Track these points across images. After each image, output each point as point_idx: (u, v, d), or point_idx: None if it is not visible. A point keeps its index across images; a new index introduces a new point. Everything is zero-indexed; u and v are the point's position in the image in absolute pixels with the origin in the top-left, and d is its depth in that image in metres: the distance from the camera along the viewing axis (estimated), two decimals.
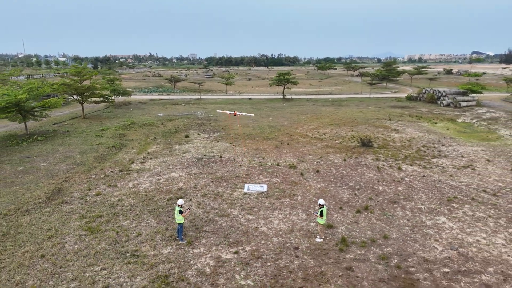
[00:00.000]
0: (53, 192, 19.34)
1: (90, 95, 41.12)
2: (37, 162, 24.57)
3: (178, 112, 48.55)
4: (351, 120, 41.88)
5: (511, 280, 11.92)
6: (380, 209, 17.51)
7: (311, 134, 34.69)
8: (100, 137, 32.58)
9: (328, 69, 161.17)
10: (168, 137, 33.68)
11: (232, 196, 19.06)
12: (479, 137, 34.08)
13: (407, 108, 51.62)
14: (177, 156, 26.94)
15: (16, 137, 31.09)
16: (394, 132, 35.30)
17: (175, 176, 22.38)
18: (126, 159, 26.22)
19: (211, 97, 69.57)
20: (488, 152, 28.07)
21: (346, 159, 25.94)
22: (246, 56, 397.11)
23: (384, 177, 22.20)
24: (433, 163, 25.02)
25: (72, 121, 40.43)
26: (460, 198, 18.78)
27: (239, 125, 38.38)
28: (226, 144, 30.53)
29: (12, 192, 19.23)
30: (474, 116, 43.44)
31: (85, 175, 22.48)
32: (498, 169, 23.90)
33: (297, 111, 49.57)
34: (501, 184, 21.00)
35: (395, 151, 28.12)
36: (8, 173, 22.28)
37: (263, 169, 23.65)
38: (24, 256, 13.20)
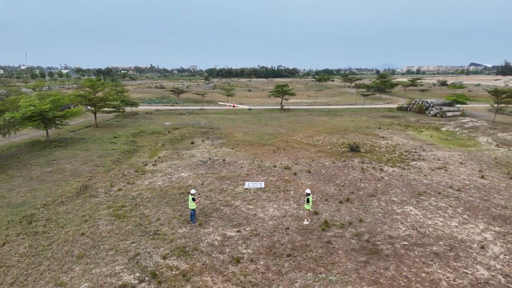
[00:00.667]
0: (81, 188, 22.61)
1: (103, 105, 44.66)
2: (62, 164, 27.88)
3: (183, 122, 52.00)
4: (343, 129, 45.29)
5: (455, 249, 15.15)
6: (359, 200, 20.77)
7: (305, 141, 38.04)
8: (114, 144, 35.93)
9: (326, 80, 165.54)
10: (175, 144, 37.01)
11: (235, 191, 22.33)
12: (458, 143, 37.45)
13: (397, 117, 55.13)
14: (185, 160, 30.24)
15: (39, 143, 34.48)
16: (382, 139, 38.66)
17: (184, 175, 25.66)
18: (139, 162, 29.52)
19: (213, 107, 73.19)
20: (462, 156, 31.41)
21: (335, 162, 29.25)
22: (246, 68, 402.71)
23: (367, 176, 25.50)
24: (412, 165, 28.33)
25: (86, 129, 43.87)
26: (429, 193, 22.05)
27: (240, 133, 41.78)
28: (228, 149, 33.86)
29: (46, 188, 22.51)
30: (457, 125, 46.88)
31: (105, 174, 25.77)
32: (468, 170, 27.21)
33: (294, 120, 53.04)
34: (467, 182, 24.29)
35: (379, 155, 31.45)
36: (39, 173, 25.58)
37: (262, 170, 26.96)
38: (68, 234, 16.42)
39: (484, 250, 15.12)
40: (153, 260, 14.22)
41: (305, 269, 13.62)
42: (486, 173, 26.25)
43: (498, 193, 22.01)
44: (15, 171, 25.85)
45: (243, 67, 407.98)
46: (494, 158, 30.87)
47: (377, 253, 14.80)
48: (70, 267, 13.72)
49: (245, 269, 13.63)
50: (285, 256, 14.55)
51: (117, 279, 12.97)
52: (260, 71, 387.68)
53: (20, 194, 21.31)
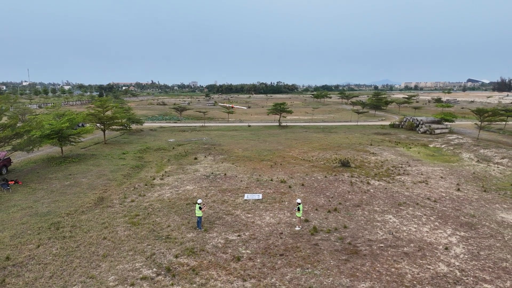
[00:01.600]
0: (98, 200, 25.33)
1: (112, 123, 47.71)
2: (78, 178, 30.65)
3: (185, 138, 54.96)
4: (337, 145, 48.21)
5: (423, 250, 17.82)
6: (345, 210, 23.49)
7: (301, 156, 40.88)
8: (123, 159, 38.75)
9: (324, 97, 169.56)
10: (180, 159, 39.84)
11: (235, 202, 25.06)
12: (443, 159, 40.32)
13: (389, 134, 58.16)
14: (189, 174, 33.02)
15: (55, 159, 37.31)
16: (372, 155, 41.53)
17: (189, 188, 28.41)
18: (148, 176, 32.29)
19: (214, 124, 76.33)
20: (444, 171, 34.23)
21: (327, 176, 32.04)
22: (246, 84, 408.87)
23: (354, 189, 28.25)
24: (396, 179, 31.13)
25: (95, 146, 46.77)
26: (408, 203, 24.79)
27: (240, 149, 44.67)
28: (229, 165, 36.67)
29: (67, 199, 25.24)
30: (444, 141, 49.87)
31: (118, 187, 28.52)
32: (447, 183, 30.00)
33: (291, 137, 56.03)
34: (444, 194, 27.06)
35: (368, 170, 34.27)
36: (59, 186, 28.32)
37: (259, 183, 29.73)
38: (92, 238, 19.09)
39: (447, 250, 17.80)
40: (167, 258, 16.87)
41: (295, 265, 16.27)
42: (463, 186, 29.03)
43: (469, 204, 24.77)
44: (37, 185, 28.60)
45: (243, 83, 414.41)
46: (473, 173, 33.70)
47: (356, 253, 17.46)
48: (98, 264, 16.37)
49: (244, 265, 16.28)
50: (279, 255, 17.21)
51: (138, 273, 15.62)
52: (259, 87, 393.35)
53: (45, 205, 24.02)
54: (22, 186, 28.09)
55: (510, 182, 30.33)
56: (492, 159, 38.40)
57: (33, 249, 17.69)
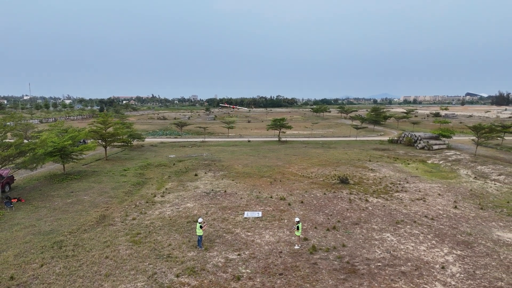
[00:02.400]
0: (100, 218, 25.65)
1: (113, 140, 48.28)
2: (80, 196, 31.03)
3: (186, 154, 55.44)
4: (336, 161, 48.67)
5: (420, 269, 18.12)
6: (344, 228, 23.83)
7: (300, 173, 41.30)
8: (124, 176, 39.16)
9: (323, 111, 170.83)
10: (180, 176, 40.24)
11: (235, 220, 25.40)
12: (441, 176, 40.74)
13: (387, 150, 58.69)
14: (190, 191, 33.40)
15: (57, 176, 37.73)
16: (370, 172, 41.95)
17: (190, 206, 28.77)
18: (149, 194, 32.66)
19: (214, 139, 76.94)
20: (442, 188, 34.63)
21: (326, 193, 32.42)
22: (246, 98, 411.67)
23: (353, 206, 28.61)
24: (394, 196, 31.51)
25: (97, 162, 47.22)
26: (406, 221, 25.14)
27: (240, 165, 45.12)
28: (229, 181, 37.07)
29: (69, 218, 25.57)
30: (442, 157, 50.36)
31: (120, 205, 28.87)
32: (444, 201, 30.37)
33: (290, 152, 56.54)
34: (441, 212, 27.41)
35: (366, 187, 34.66)
36: (61, 204, 28.68)
37: (259, 200, 30.10)
38: (94, 257, 19.39)
39: (444, 269, 18.10)
40: (168, 278, 17.16)
41: (294, 285, 16.56)
42: (460, 204, 29.40)
43: (466, 222, 25.12)
44: (39, 202, 28.95)
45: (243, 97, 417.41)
46: (470, 190, 34.10)
47: (354, 272, 17.76)
48: (100, 284, 16.65)
49: (244, 285, 16.57)
50: (278, 275, 17.51)
51: None
52: (259, 101, 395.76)
53: (47, 223, 24.35)
54: (25, 204, 28.45)
55: (507, 199, 30.72)
56: (489, 176, 38.84)
57: (37, 268, 17.99)
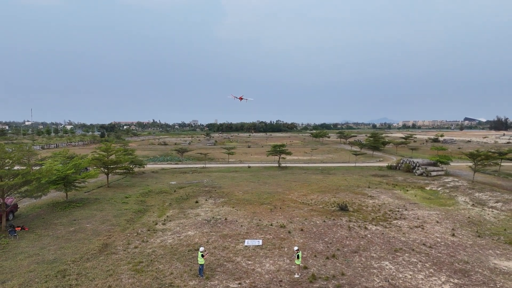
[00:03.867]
0: (102, 246, 26.00)
1: (115, 167, 48.98)
2: (83, 224, 31.42)
3: (187, 181, 55.97)
4: (335, 188, 49.16)
5: None
6: (343, 256, 24.16)
7: (300, 200, 41.75)
8: (125, 203, 39.60)
9: (323, 137, 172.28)
10: (181, 203, 40.66)
11: (236, 248, 25.75)
12: (439, 202, 41.18)
13: (386, 176, 59.26)
14: (191, 219, 33.79)
15: (59, 204, 38.18)
16: (369, 199, 42.40)
17: (191, 234, 29.13)
18: (150, 221, 33.03)
19: (214, 165, 77.59)
20: (440, 215, 35.03)
21: (326, 221, 32.81)
22: (246, 123, 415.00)
23: (352, 234, 28.98)
24: (393, 224, 31.89)
25: (98, 189, 47.72)
26: (404, 249, 25.48)
27: (240, 192, 45.60)
28: (230, 208, 37.49)
29: (72, 246, 25.93)
30: (440, 184, 50.89)
31: (122, 233, 29.23)
32: (443, 228, 30.75)
33: (290, 178, 57.09)
34: (439, 239, 27.78)
35: (365, 214, 35.07)
36: (63, 233, 29.05)
37: (260, 228, 30.47)
38: (97, 286, 19.67)
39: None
40: None
41: None
42: (458, 232, 29.77)
43: (463, 250, 25.47)
44: (42, 231, 29.33)
45: (243, 122, 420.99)
46: (467, 217, 34.50)
47: None
48: None
49: None
50: None
51: None
52: (259, 126, 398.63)
53: (51, 252, 24.70)
54: (28, 232, 28.83)
55: (504, 227, 31.11)
56: (486, 203, 39.28)
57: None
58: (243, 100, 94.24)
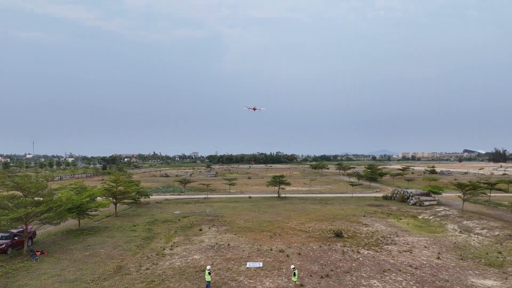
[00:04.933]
0: (116, 268, 28.49)
1: (123, 197, 51.80)
2: (97, 249, 33.94)
3: (190, 210, 58.49)
4: (332, 216, 51.69)
5: None
6: (336, 276, 26.65)
7: (298, 227, 44.26)
8: (134, 231, 42.11)
9: (322, 168, 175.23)
10: (186, 231, 43.15)
11: (239, 269, 28.24)
12: (429, 230, 43.68)
13: (381, 206, 61.81)
14: (196, 245, 36.29)
15: (73, 231, 40.73)
16: (364, 226, 44.91)
17: (197, 257, 31.62)
18: (158, 247, 35.53)
19: (216, 196, 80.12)
20: (429, 241, 37.53)
21: (322, 246, 35.31)
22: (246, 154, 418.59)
23: (346, 257, 31.47)
24: (384, 248, 34.39)
25: (107, 219, 50.28)
26: (392, 270, 27.98)
27: (241, 220, 48.14)
28: (232, 235, 40.00)
29: (89, 268, 28.44)
30: (432, 213, 53.45)
31: (133, 257, 31.74)
32: (429, 252, 33.25)
33: (289, 208, 59.63)
34: (425, 262, 30.27)
35: (359, 240, 37.58)
36: (80, 256, 31.57)
37: (260, 252, 32.98)
38: None
39: None
40: None
41: None
42: (443, 255, 32.28)
43: (446, 270, 27.96)
44: (60, 255, 31.85)
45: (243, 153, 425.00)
46: (454, 242, 37.01)
47: None
48: None
49: None
50: None
51: None
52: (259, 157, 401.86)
53: (71, 273, 27.21)
54: (47, 257, 31.33)
55: (486, 251, 33.62)
56: (473, 230, 41.82)
57: None
58: (256, 110, 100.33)
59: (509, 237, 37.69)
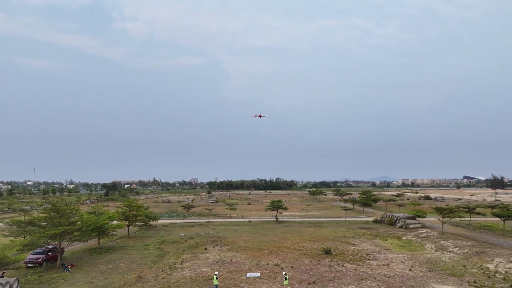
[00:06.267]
0: (137, 277, 33.93)
1: (135, 220, 57.41)
2: (117, 263, 39.36)
3: (195, 233, 63.76)
4: (324, 238, 57.01)
5: None
6: (321, 283, 32.07)
7: (293, 246, 49.61)
8: (147, 250, 47.47)
9: (320, 194, 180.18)
10: (192, 250, 48.48)
11: (240, 278, 33.68)
12: (410, 249, 49.04)
13: (371, 229, 67.10)
14: (202, 260, 41.67)
15: (93, 250, 46.14)
16: (352, 246, 50.27)
17: (204, 270, 37.03)
18: (170, 262, 40.90)
19: (218, 220, 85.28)
20: (406, 257, 42.93)
21: (312, 261, 40.71)
22: (246, 180, 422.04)
23: (331, 269, 36.89)
24: (366, 263, 39.80)
25: (121, 239, 55.62)
26: (369, 278, 33.41)
27: (242, 241, 53.51)
28: (234, 253, 45.35)
29: (115, 277, 33.88)
30: (415, 235, 58.81)
31: (150, 269, 37.15)
32: (404, 266, 38.66)
33: (286, 230, 64.90)
34: (398, 273, 35.71)
35: (345, 256, 42.98)
36: (104, 269, 36.99)
37: (258, 266, 38.40)
38: None
39: None
40: None
41: None
42: (415, 268, 37.70)
43: (413, 279, 33.41)
44: (87, 268, 37.29)
45: (243, 179, 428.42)
46: (428, 258, 42.42)
47: None
48: None
49: None
50: None
51: None
52: (259, 184, 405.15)
53: (100, 280, 32.66)
54: (76, 269, 36.75)
55: (453, 264, 39.05)
56: (447, 248, 47.24)
57: None
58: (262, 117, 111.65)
59: (476, 253, 43.15)
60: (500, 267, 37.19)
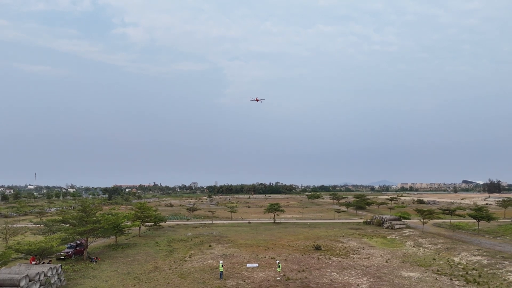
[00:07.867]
0: (154, 267, 40.16)
1: (146, 220, 63.74)
2: (135, 257, 45.62)
3: (199, 232, 69.97)
4: (316, 237, 63.25)
5: (345, 286, 32.70)
6: (309, 271, 38.34)
7: (288, 244, 55.87)
8: (158, 246, 53.70)
9: (317, 198, 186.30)
10: (198, 247, 54.72)
11: (241, 267, 39.94)
12: (391, 246, 55.32)
13: (360, 229, 73.36)
14: (208, 255, 47.92)
15: (111, 246, 52.39)
16: (340, 243, 56.53)
17: (210, 262, 43.27)
18: (180, 256, 47.12)
19: (220, 222, 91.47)
20: (385, 252, 49.19)
21: (303, 255, 46.97)
22: (246, 185, 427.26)
23: (319, 262, 43.15)
24: (349, 257, 46.07)
25: (133, 238, 61.87)
26: (349, 268, 39.69)
27: (242, 239, 59.79)
28: (235, 249, 51.59)
29: (135, 267, 40.15)
30: (399, 234, 65.08)
31: (164, 261, 43.41)
32: (382, 259, 44.91)
33: (282, 231, 71.14)
34: (375, 264, 41.98)
35: (332, 252, 49.25)
36: (125, 261, 43.23)
37: (257, 258, 44.67)
38: (161, 285, 33.87)
39: (358, 286, 32.62)
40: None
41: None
42: (391, 260, 43.97)
43: (387, 268, 39.72)
44: (110, 260, 43.53)
45: (242, 184, 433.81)
46: (404, 253, 48.72)
47: (309, 287, 32.32)
48: None
49: None
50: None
51: None
52: (258, 188, 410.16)
53: (124, 269, 38.92)
54: (101, 261, 42.97)
55: (424, 258, 45.33)
56: (423, 245, 53.54)
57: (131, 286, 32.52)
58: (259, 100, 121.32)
59: (446, 249, 49.46)
60: (463, 260, 43.49)
